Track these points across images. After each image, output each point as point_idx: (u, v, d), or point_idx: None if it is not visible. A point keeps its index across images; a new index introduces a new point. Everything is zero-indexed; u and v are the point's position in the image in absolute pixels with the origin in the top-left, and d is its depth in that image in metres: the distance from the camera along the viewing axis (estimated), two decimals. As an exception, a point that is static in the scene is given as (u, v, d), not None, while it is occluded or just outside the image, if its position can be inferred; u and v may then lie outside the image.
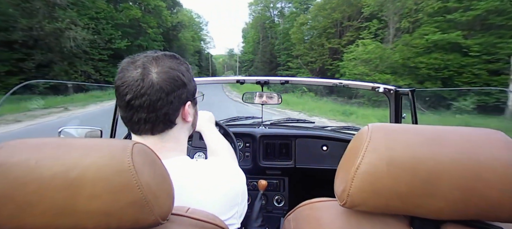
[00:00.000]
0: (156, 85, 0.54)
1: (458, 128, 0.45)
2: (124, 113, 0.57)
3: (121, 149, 0.39)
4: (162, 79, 0.55)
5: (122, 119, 0.59)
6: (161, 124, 0.58)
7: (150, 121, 0.56)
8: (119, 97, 0.56)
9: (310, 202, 0.55)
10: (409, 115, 1.35)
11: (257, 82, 1.55)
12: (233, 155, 0.85)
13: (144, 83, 0.54)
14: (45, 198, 0.36)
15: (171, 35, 30.13)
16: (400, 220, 0.47)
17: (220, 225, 0.50)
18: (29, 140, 0.41)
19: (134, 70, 0.55)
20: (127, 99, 0.54)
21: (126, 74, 0.55)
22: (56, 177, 0.37)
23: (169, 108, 0.57)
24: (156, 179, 0.41)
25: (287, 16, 29.76)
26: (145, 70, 0.55)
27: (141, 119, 0.56)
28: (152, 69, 0.55)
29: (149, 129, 0.58)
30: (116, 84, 0.56)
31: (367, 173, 0.43)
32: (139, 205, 0.38)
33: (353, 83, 1.54)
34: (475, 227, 0.45)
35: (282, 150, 1.68)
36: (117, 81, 0.56)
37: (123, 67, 0.57)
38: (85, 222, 0.37)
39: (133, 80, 0.54)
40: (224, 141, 0.88)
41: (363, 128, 0.47)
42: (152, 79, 0.54)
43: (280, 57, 28.98)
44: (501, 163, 0.40)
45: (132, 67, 0.56)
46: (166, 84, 0.56)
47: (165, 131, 0.59)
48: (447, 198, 0.40)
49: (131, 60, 0.58)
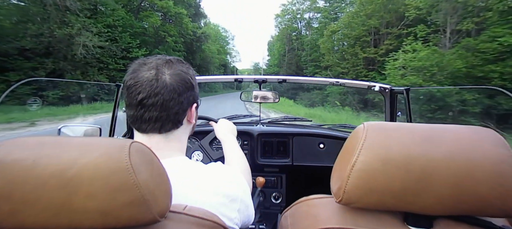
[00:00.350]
0: (169, 85, 0.60)
1: (451, 126, 0.48)
2: (134, 112, 0.61)
3: (118, 148, 0.41)
4: (175, 81, 0.61)
5: (129, 117, 0.64)
6: (171, 123, 0.63)
7: (161, 120, 0.62)
8: (129, 96, 0.61)
9: (307, 199, 0.58)
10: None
11: (255, 81, 1.68)
12: (246, 168, 0.86)
13: (159, 83, 0.59)
14: (43, 196, 0.38)
15: (195, 46, 31.11)
16: (394, 216, 0.50)
17: (217, 222, 0.52)
18: (27, 138, 0.42)
19: (147, 71, 0.61)
20: (140, 98, 0.59)
21: (139, 74, 0.60)
22: (53, 176, 0.38)
23: (179, 108, 0.63)
24: (153, 178, 0.43)
25: (316, 27, 30.89)
26: (158, 71, 0.61)
27: (152, 117, 0.61)
28: (165, 71, 0.61)
29: (158, 128, 0.62)
30: (128, 84, 0.61)
31: (362, 170, 0.45)
32: (137, 204, 0.40)
33: (350, 82, 1.64)
34: (466, 222, 0.48)
35: (280, 148, 1.77)
36: (129, 81, 0.61)
37: (134, 68, 0.62)
38: (82, 220, 0.39)
39: (147, 80, 0.59)
40: (241, 154, 0.92)
41: (359, 127, 0.50)
42: (165, 80, 0.60)
43: (307, 69, 29.46)
44: (491, 161, 0.43)
45: (145, 68, 0.61)
46: (179, 85, 0.62)
47: (172, 130, 0.65)
48: (439, 194, 0.44)
49: (143, 61, 0.63)
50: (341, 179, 0.48)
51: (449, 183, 0.43)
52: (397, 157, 0.44)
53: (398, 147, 0.45)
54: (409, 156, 0.44)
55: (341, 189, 0.48)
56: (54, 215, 0.38)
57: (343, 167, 0.49)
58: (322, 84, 1.86)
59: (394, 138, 0.46)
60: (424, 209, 0.45)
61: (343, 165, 0.49)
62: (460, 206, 0.44)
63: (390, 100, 1.52)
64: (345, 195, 0.47)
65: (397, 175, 0.44)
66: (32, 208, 0.38)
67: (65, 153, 0.40)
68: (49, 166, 0.38)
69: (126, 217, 0.40)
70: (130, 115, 0.63)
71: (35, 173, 0.38)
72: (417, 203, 0.45)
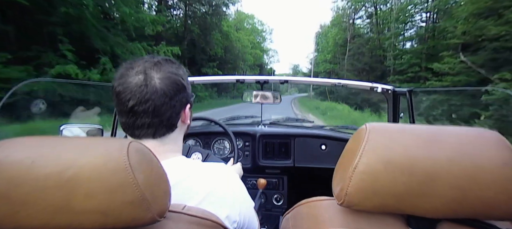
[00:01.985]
0: (159, 90, 0.58)
1: (454, 128, 0.48)
2: (126, 119, 0.60)
3: (117, 148, 0.41)
4: (165, 85, 0.59)
5: (122, 124, 0.62)
6: (164, 128, 0.62)
7: (154, 126, 0.60)
8: (120, 103, 0.59)
9: (309, 201, 0.58)
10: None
11: (256, 82, 1.66)
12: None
13: (148, 88, 0.57)
14: (41, 197, 0.38)
15: (209, 22, 20.64)
16: (397, 219, 0.50)
17: (216, 222, 0.52)
18: (25, 138, 0.42)
19: (135, 76, 0.58)
20: (130, 105, 0.57)
21: (127, 80, 0.58)
22: (51, 176, 0.38)
23: (172, 112, 0.61)
24: (152, 177, 0.43)
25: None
26: (147, 75, 0.58)
27: (145, 123, 0.59)
28: (154, 74, 0.59)
29: (151, 133, 0.61)
30: (117, 90, 0.58)
31: (364, 172, 0.45)
32: (136, 204, 0.40)
33: (352, 83, 1.63)
34: (470, 225, 0.48)
35: (281, 149, 1.77)
36: (118, 88, 0.58)
37: (122, 72, 0.60)
38: (81, 221, 0.39)
39: (136, 86, 0.57)
40: None
41: (361, 128, 0.49)
42: (155, 85, 0.58)
43: (395, 61, 16.94)
44: (495, 163, 0.43)
45: (133, 72, 0.59)
46: (169, 89, 0.59)
47: (166, 134, 0.63)
48: (443, 197, 0.43)
49: (130, 65, 0.60)
50: (343, 181, 0.48)
51: (453, 186, 0.42)
52: (400, 159, 0.44)
53: (400, 149, 0.44)
54: (412, 158, 0.44)
55: (343, 191, 0.47)
56: (53, 215, 0.38)
57: (345, 168, 0.48)
58: (324, 85, 1.84)
59: (397, 140, 0.46)
60: (427, 212, 0.45)
61: (345, 166, 0.48)
62: (463, 209, 0.44)
63: (392, 101, 1.52)
64: (347, 197, 0.47)
65: (400, 177, 0.43)
66: (31, 209, 0.38)
67: (64, 153, 0.40)
68: (48, 166, 0.39)
69: (126, 216, 0.40)
70: (122, 122, 0.61)
71: (34, 173, 0.38)
72: (420, 206, 0.44)
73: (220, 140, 1.78)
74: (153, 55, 0.64)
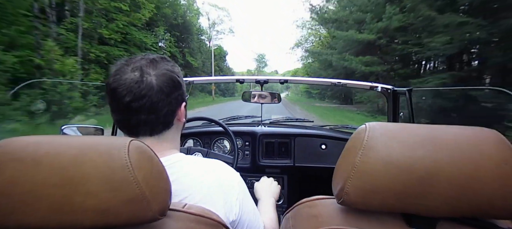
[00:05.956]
0: (156, 86, 0.58)
1: (454, 127, 0.48)
2: (122, 116, 0.60)
3: (117, 146, 0.41)
4: (162, 81, 0.59)
5: (117, 122, 0.62)
6: (161, 125, 0.62)
7: (150, 123, 0.60)
8: (115, 100, 0.58)
9: (309, 200, 0.58)
10: None
11: (256, 82, 1.67)
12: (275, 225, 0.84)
13: (144, 85, 0.57)
14: (43, 195, 0.38)
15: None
16: (397, 218, 0.50)
17: (216, 220, 0.52)
18: (26, 137, 0.43)
19: (131, 72, 0.58)
20: (125, 102, 0.57)
21: (123, 76, 0.58)
22: (52, 175, 0.39)
23: (169, 109, 0.61)
24: (153, 176, 0.43)
25: None
26: (143, 72, 0.58)
27: (141, 121, 0.59)
28: (151, 71, 0.59)
29: (148, 131, 0.61)
30: (112, 87, 0.58)
31: (364, 171, 0.45)
32: (136, 202, 0.41)
33: (352, 83, 1.64)
34: (470, 224, 0.48)
35: (282, 149, 1.78)
36: (113, 84, 0.58)
37: (117, 69, 0.59)
38: (82, 219, 0.39)
39: (132, 82, 0.57)
40: (273, 216, 0.89)
41: (361, 127, 0.50)
42: (152, 81, 0.58)
43: None
44: (494, 162, 0.43)
45: (129, 69, 0.59)
46: (165, 85, 0.59)
47: (163, 132, 0.63)
48: (442, 196, 0.43)
49: (125, 63, 0.60)
50: (343, 180, 0.48)
51: (452, 185, 0.43)
52: (399, 158, 0.44)
53: (400, 148, 0.45)
54: (412, 157, 0.44)
55: (343, 190, 0.47)
56: (54, 214, 0.39)
57: (344, 168, 0.49)
58: (324, 85, 1.87)
59: (396, 139, 0.46)
60: (427, 211, 0.45)
61: (345, 166, 0.49)
62: (463, 208, 0.44)
63: (392, 100, 1.52)
64: (347, 197, 0.47)
65: (399, 176, 0.44)
66: (32, 207, 0.38)
67: (65, 151, 0.40)
68: (48, 165, 0.39)
69: (126, 215, 0.40)
70: (117, 120, 0.61)
71: (35, 172, 0.38)
72: (420, 205, 0.44)
73: (220, 140, 1.78)
74: (149, 53, 0.64)
